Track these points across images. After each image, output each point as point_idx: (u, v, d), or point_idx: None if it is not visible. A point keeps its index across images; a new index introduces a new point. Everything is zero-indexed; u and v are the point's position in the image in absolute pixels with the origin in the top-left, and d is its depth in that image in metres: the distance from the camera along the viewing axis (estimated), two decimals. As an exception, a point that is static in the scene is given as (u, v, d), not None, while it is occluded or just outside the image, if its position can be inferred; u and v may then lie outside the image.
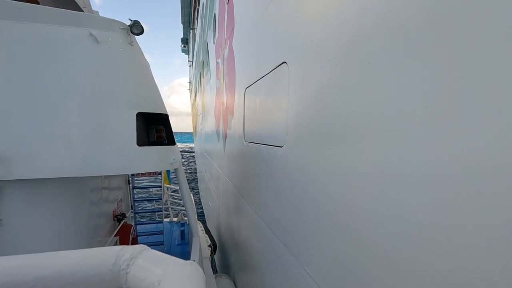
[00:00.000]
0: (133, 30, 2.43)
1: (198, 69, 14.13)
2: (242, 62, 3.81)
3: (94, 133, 2.25)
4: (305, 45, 1.82)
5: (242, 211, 3.71)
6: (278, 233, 2.32)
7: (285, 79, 2.14)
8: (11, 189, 2.19)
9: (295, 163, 1.97)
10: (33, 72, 2.16)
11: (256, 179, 3.03)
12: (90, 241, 2.95)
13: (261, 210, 2.86)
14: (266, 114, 2.67)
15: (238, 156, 4.01)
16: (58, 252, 0.74)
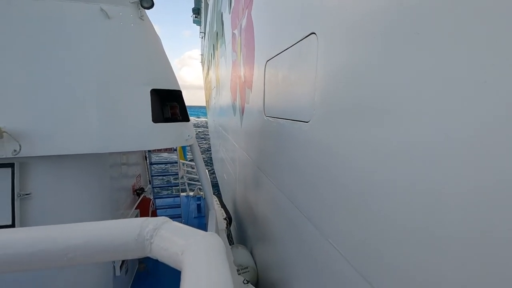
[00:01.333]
0: (143, 4, 2.37)
1: (212, 41, 13.81)
2: (263, 33, 3.67)
3: (110, 111, 2.29)
4: (338, 14, 1.72)
5: (262, 185, 3.77)
6: (301, 207, 2.36)
7: (313, 51, 2.06)
8: (36, 165, 2.31)
9: (322, 138, 1.95)
10: (48, 51, 2.17)
11: (277, 153, 3.03)
12: (113, 213, 3.11)
13: (282, 184, 2.89)
14: (289, 88, 2.61)
15: (257, 130, 3.99)
16: (87, 223, 0.78)
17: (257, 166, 4.09)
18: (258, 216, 4.08)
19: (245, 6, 4.74)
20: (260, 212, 3.93)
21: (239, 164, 5.92)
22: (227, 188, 8.74)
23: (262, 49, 3.65)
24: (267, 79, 3.40)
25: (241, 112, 5.45)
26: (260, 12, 3.79)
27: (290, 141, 2.59)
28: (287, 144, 2.70)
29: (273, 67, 3.14)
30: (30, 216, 2.31)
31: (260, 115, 3.71)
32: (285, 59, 2.72)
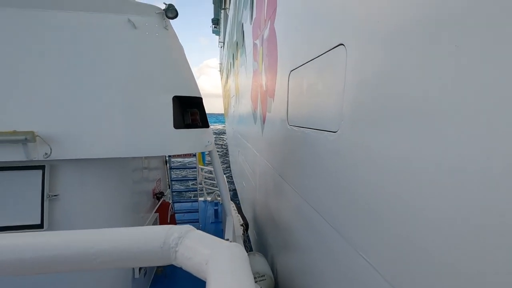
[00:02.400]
0: (168, 14, 2.46)
1: (231, 50, 14.07)
2: (286, 44, 3.72)
3: (134, 117, 2.39)
4: (368, 25, 1.74)
5: (284, 194, 3.77)
6: (328, 217, 2.34)
7: (341, 62, 2.07)
8: (64, 168, 2.44)
9: (352, 149, 1.94)
10: (79, 60, 2.30)
11: (302, 162, 3.04)
12: (134, 216, 3.20)
13: (307, 193, 2.88)
14: (315, 98, 2.63)
15: (280, 139, 4.02)
16: (116, 229, 0.82)
17: (279, 175, 4.10)
18: (280, 224, 4.07)
19: (268, 17, 4.83)
20: (283, 221, 3.92)
21: (260, 172, 5.94)
22: (246, 196, 8.76)
23: (286, 59, 3.70)
24: (290, 89, 3.44)
25: (262, 121, 5.50)
26: (284, 23, 3.86)
27: (316, 151, 2.60)
28: (312, 153, 2.70)
29: (297, 77, 3.17)
30: (57, 217, 2.42)
31: (283, 124, 3.74)
32: (310, 70, 2.75)
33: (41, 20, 2.24)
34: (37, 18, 2.23)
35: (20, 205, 2.33)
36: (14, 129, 2.10)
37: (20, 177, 2.32)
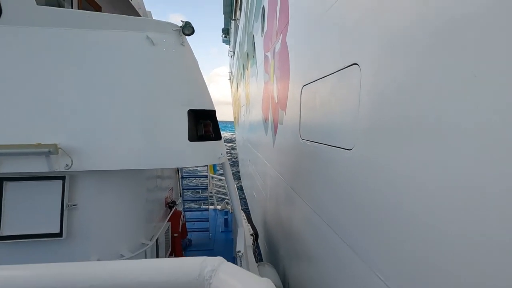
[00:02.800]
0: (184, 31, 2.54)
1: (242, 60, 14.26)
2: (299, 59, 3.78)
3: (151, 130, 2.46)
4: (383, 47, 1.77)
5: (296, 207, 3.78)
6: (342, 235, 2.34)
7: (355, 81, 2.11)
8: (83, 179, 2.52)
9: (367, 168, 1.96)
10: (99, 74, 2.39)
11: (314, 177, 3.05)
12: (146, 226, 3.25)
13: (320, 208, 2.89)
14: (328, 114, 2.66)
15: (292, 152, 4.04)
16: (151, 260, 0.86)
17: (290, 187, 4.11)
18: (292, 237, 4.06)
19: (280, 31, 4.92)
20: (295, 234, 3.91)
21: (271, 183, 5.96)
22: (256, 205, 8.76)
23: (298, 73, 3.76)
24: (303, 103, 3.48)
25: (273, 132, 5.54)
26: (296, 38, 3.93)
27: (330, 167, 2.61)
28: (326, 169, 2.72)
29: (310, 92, 3.21)
30: (75, 226, 2.49)
31: (295, 137, 3.77)
32: (323, 86, 2.79)
33: (67, 38, 2.35)
34: (63, 36, 2.34)
35: (40, 214, 2.41)
36: (38, 142, 2.20)
37: (41, 187, 2.41)
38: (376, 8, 1.85)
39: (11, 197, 2.36)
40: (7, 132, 2.20)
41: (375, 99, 1.86)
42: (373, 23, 1.89)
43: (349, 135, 2.20)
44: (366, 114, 1.96)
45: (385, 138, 1.74)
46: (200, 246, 5.52)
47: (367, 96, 1.96)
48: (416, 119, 1.45)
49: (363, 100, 2.00)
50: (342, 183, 2.35)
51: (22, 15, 2.23)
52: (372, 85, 1.90)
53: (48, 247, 2.45)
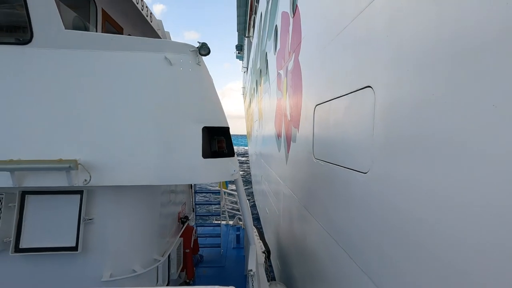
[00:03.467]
0: (201, 52, 2.61)
1: (255, 77, 14.48)
2: (312, 78, 3.80)
3: (166, 147, 2.49)
4: (397, 71, 1.76)
5: (309, 226, 3.70)
6: (357, 259, 2.26)
7: (369, 103, 2.09)
8: (100, 193, 2.56)
9: (385, 193, 1.90)
10: (119, 93, 2.47)
11: (328, 198, 3.00)
12: (160, 241, 3.24)
13: (333, 230, 2.82)
14: (342, 136, 2.63)
15: (305, 171, 4.00)
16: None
17: (303, 206, 4.04)
18: (306, 258, 3.96)
19: (292, 50, 4.99)
20: (308, 254, 3.81)
21: (284, 200, 5.89)
22: (269, 222, 8.64)
23: (311, 93, 3.77)
24: (316, 123, 3.47)
25: (286, 149, 5.52)
26: (309, 57, 3.97)
27: (345, 189, 2.56)
28: (340, 191, 2.67)
29: (323, 112, 3.21)
30: (91, 240, 2.52)
31: (308, 156, 3.74)
32: (337, 106, 2.78)
33: (91, 59, 2.47)
34: (87, 57, 2.46)
35: (57, 228, 2.45)
36: (60, 158, 2.28)
37: (60, 201, 2.48)
38: (390, 31, 1.85)
39: (31, 210, 2.43)
40: (31, 147, 2.29)
41: (390, 122, 1.83)
42: (386, 46, 1.89)
43: (364, 158, 2.16)
44: (381, 138, 1.93)
45: (401, 162, 1.70)
46: (211, 262, 5.46)
47: (381, 119, 1.93)
48: (432, 144, 1.43)
49: (377, 123, 1.97)
50: (358, 207, 2.29)
51: (51, 38, 2.36)
52: (386, 108, 1.88)
53: (63, 260, 2.49)
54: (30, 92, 2.34)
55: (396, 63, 1.78)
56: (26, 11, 2.28)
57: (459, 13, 1.28)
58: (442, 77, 1.37)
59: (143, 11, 4.01)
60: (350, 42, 2.48)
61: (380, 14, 1.98)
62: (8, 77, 2.33)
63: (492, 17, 1.11)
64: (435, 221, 1.41)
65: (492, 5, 1.11)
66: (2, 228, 2.38)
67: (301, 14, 4.40)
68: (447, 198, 1.33)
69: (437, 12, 1.42)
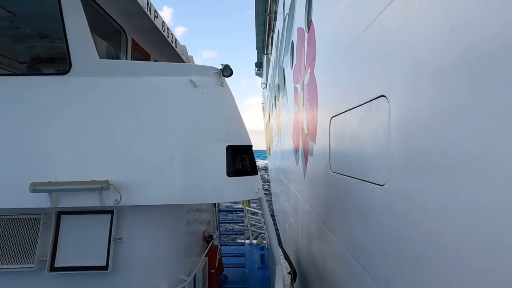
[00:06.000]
0: (224, 73, 2.68)
1: (273, 92, 14.63)
2: (327, 91, 3.77)
3: (192, 166, 2.52)
4: (411, 80, 1.70)
5: (328, 244, 3.55)
6: (377, 277, 2.12)
7: (384, 113, 2.02)
8: (129, 213, 2.60)
9: (402, 206, 1.80)
10: (147, 116, 2.55)
11: (346, 212, 2.88)
12: (186, 260, 3.21)
13: (353, 247, 2.68)
14: (358, 148, 2.55)
15: (322, 185, 3.90)
16: None
17: (322, 222, 3.90)
18: (325, 277, 3.78)
19: (308, 64, 5.01)
20: (327, 276, 3.64)
21: (302, 216, 5.73)
22: (289, 239, 8.41)
23: (327, 105, 3.72)
24: (332, 135, 3.40)
25: (304, 163, 5.43)
26: (324, 70, 3.95)
27: (361, 203, 2.45)
28: (357, 204, 2.56)
29: (339, 124, 3.14)
30: (120, 259, 2.54)
31: (325, 170, 3.65)
32: (351, 118, 2.71)
33: (122, 85, 2.61)
34: (119, 83, 2.61)
35: (88, 247, 2.51)
36: (93, 179, 2.37)
37: (92, 220, 2.54)
38: (401, 39, 1.81)
39: (65, 230, 2.51)
40: (66, 169, 2.41)
41: (405, 131, 1.75)
42: (400, 55, 1.84)
43: (380, 170, 2.07)
44: (397, 148, 1.85)
45: (418, 173, 1.61)
46: (236, 283, 5.31)
47: (397, 129, 1.85)
48: (447, 153, 1.35)
49: (393, 133, 1.89)
50: (376, 221, 2.17)
51: (87, 68, 2.54)
52: (401, 117, 1.81)
53: (93, 279, 2.52)
54: (67, 118, 2.49)
55: (409, 71, 1.72)
56: (65, 43, 2.46)
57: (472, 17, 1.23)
58: (457, 85, 1.31)
59: (169, 38, 4.22)
60: (363, 52, 2.45)
61: (391, 23, 1.95)
62: (48, 104, 2.49)
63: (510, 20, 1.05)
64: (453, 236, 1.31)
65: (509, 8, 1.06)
66: (39, 247, 2.46)
67: (316, 28, 4.44)
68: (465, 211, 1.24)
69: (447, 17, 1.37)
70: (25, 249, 2.48)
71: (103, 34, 3.29)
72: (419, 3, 1.63)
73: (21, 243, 2.48)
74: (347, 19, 2.93)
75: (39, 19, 2.94)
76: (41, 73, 2.84)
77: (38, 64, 3.02)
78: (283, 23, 9.43)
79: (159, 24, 3.75)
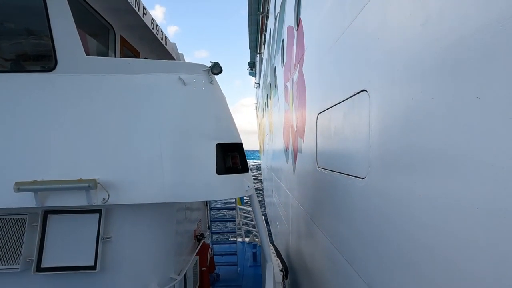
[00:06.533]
0: (213, 71, 2.66)
1: (265, 91, 14.66)
2: (314, 87, 3.80)
3: (181, 165, 2.50)
4: (389, 74, 1.73)
5: (315, 239, 3.58)
6: (360, 271, 2.16)
7: (365, 107, 2.06)
8: (118, 212, 2.56)
9: (381, 197, 1.83)
10: (136, 114, 2.52)
11: (331, 207, 2.91)
12: (176, 259, 3.19)
13: (338, 242, 2.71)
14: (343, 143, 2.58)
15: (310, 181, 3.93)
16: None
17: (310, 218, 3.94)
18: (313, 273, 3.81)
19: (297, 62, 5.04)
20: (315, 270, 3.67)
21: (292, 213, 5.77)
22: (279, 236, 8.45)
23: (314, 102, 3.76)
24: (319, 131, 3.43)
25: (293, 161, 5.47)
26: (311, 67, 3.99)
27: (345, 196, 2.49)
28: (341, 199, 2.59)
29: (325, 120, 3.18)
30: (108, 259, 2.51)
31: (313, 166, 3.68)
32: (336, 113, 2.75)
33: (110, 82, 2.56)
34: (107, 81, 2.56)
35: (76, 246, 2.47)
36: (80, 177, 2.32)
37: (79, 220, 2.50)
38: (381, 35, 1.84)
39: (52, 230, 2.46)
40: (53, 168, 2.37)
41: (385, 126, 1.79)
42: (378, 49, 1.88)
43: (362, 163, 2.11)
44: (377, 141, 1.88)
45: (396, 167, 1.64)
46: (228, 281, 5.29)
47: (376, 123, 1.89)
48: (425, 147, 1.37)
49: (373, 126, 1.93)
50: (358, 214, 2.21)
51: (73, 65, 2.49)
52: (381, 112, 1.84)
53: (82, 279, 2.49)
54: (53, 116, 2.44)
55: (386, 64, 1.76)
56: (51, 40, 2.41)
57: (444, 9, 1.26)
58: (429, 76, 1.34)
59: (158, 35, 4.17)
60: (347, 47, 2.48)
61: (371, 17, 1.98)
62: (34, 102, 2.44)
63: (489, 13, 1.08)
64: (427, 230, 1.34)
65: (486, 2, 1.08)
66: (25, 248, 2.42)
67: (304, 26, 4.47)
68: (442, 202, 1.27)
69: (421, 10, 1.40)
70: (10, 250, 2.42)
71: (91, 31, 3.23)
72: (397, -2, 1.67)
73: (6, 244, 2.43)
74: (332, 15, 2.97)
75: (24, 15, 2.86)
76: (26, 70, 2.76)
77: (24, 61, 2.96)
78: (274, 21, 9.46)
79: (148, 21, 3.70)
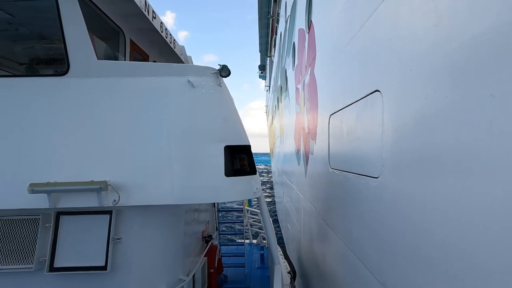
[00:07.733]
0: (221, 74, 2.70)
1: (276, 94, 14.70)
2: (326, 89, 3.83)
3: (190, 166, 2.53)
4: (402, 73, 1.75)
5: (328, 240, 3.58)
6: (375, 271, 2.16)
7: (378, 107, 2.07)
8: (128, 213, 2.61)
9: (394, 196, 1.84)
10: (146, 116, 2.57)
11: (344, 208, 2.92)
12: (185, 260, 3.23)
13: (351, 242, 2.71)
14: (355, 143, 2.60)
15: (322, 182, 3.94)
16: None
17: (322, 219, 3.94)
18: (326, 275, 3.80)
19: (308, 64, 5.07)
20: (328, 272, 3.67)
21: (304, 215, 5.76)
22: (291, 239, 8.43)
23: (326, 103, 3.78)
24: (331, 132, 3.45)
25: (305, 162, 5.48)
26: (323, 69, 4.01)
27: (358, 196, 2.49)
28: (354, 199, 2.60)
29: (337, 121, 3.19)
30: (119, 259, 2.55)
31: (325, 167, 3.69)
32: (349, 114, 2.77)
33: (121, 85, 2.63)
34: (118, 84, 2.62)
35: (87, 247, 2.52)
36: (91, 179, 2.39)
37: (90, 221, 2.55)
38: (393, 36, 1.86)
39: (64, 230, 2.53)
40: (65, 170, 2.44)
41: (398, 125, 1.80)
42: (391, 50, 1.90)
43: (375, 162, 2.12)
44: (390, 141, 1.89)
45: (409, 166, 1.66)
46: (235, 283, 5.31)
47: (390, 123, 1.90)
48: (439, 145, 1.38)
49: (387, 126, 1.94)
50: (371, 214, 2.21)
51: (86, 69, 2.56)
52: (394, 111, 1.86)
53: (92, 279, 2.54)
54: (65, 119, 2.51)
55: (399, 64, 1.78)
56: (64, 45, 2.48)
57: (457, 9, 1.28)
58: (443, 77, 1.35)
59: (167, 38, 4.23)
60: (359, 49, 2.50)
61: (383, 19, 2.01)
62: (47, 106, 2.52)
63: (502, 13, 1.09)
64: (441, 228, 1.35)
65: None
66: (38, 248, 2.48)
67: (315, 29, 4.51)
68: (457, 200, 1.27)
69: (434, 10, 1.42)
70: (24, 250, 2.49)
71: (101, 35, 3.32)
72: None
73: (20, 244, 2.50)
74: (344, 17, 3.00)
75: (37, 20, 2.96)
76: (40, 74, 2.85)
77: (37, 65, 3.06)
78: (285, 25, 9.52)
79: (157, 24, 3.76)
